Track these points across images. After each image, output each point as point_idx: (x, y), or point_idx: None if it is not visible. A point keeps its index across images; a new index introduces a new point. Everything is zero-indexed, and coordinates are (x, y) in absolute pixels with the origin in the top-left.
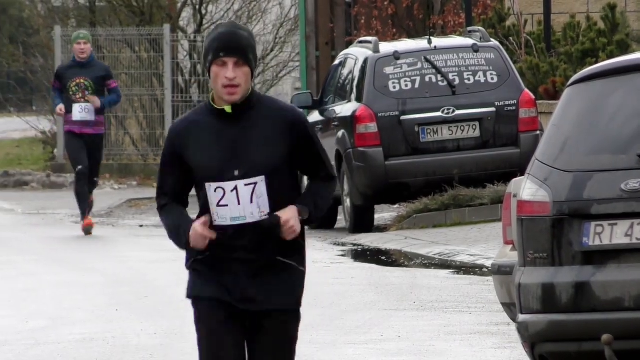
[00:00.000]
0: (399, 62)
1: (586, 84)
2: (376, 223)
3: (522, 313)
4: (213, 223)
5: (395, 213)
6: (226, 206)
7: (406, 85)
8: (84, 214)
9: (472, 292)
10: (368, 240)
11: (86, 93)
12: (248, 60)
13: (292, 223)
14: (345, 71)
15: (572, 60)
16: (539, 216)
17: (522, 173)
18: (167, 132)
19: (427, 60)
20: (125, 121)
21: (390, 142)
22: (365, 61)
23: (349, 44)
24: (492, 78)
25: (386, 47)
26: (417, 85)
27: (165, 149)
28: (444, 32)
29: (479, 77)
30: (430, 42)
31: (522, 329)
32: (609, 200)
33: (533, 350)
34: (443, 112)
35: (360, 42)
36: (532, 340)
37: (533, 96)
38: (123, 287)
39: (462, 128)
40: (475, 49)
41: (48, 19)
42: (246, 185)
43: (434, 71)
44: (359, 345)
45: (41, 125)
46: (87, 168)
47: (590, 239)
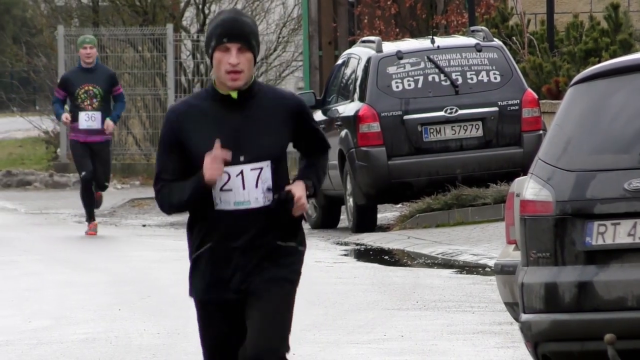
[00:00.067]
0: (402, 62)
1: (589, 84)
2: (379, 222)
3: (525, 312)
4: (215, 208)
5: (398, 212)
6: (230, 191)
7: (409, 84)
8: (91, 218)
9: (475, 292)
10: (371, 239)
11: (94, 101)
12: (251, 46)
13: (304, 200)
14: (348, 71)
15: (575, 59)
16: (542, 216)
17: (525, 173)
18: (166, 116)
19: (430, 59)
20: (128, 121)
21: (393, 142)
22: (368, 61)
23: (352, 44)
24: (495, 78)
25: (389, 47)
26: (420, 84)
27: (164, 132)
28: (447, 32)
29: (482, 77)
30: (433, 42)
31: (525, 329)
32: (612, 199)
33: (536, 349)
34: (446, 112)
35: (363, 42)
36: (535, 339)
37: (536, 96)
38: (126, 287)
39: (465, 128)
40: (478, 49)
41: (51, 19)
42: (252, 170)
43: (437, 71)
44: (362, 344)
45: (44, 125)
46: (92, 173)
47: (593, 239)
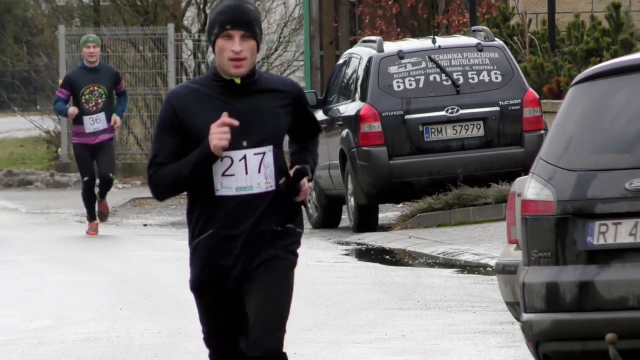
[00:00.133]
0: (403, 62)
1: (590, 84)
2: (380, 222)
3: (526, 312)
4: (216, 193)
5: (399, 212)
6: (232, 176)
7: (410, 84)
8: (92, 218)
9: (476, 291)
10: (372, 239)
11: (99, 101)
12: (254, 33)
13: (307, 184)
14: (349, 70)
15: (576, 59)
16: (543, 215)
17: (526, 172)
18: (167, 97)
19: (431, 59)
20: (129, 120)
21: (394, 142)
22: (369, 60)
23: (353, 44)
24: (496, 77)
25: (390, 47)
26: (421, 84)
27: (164, 114)
28: (448, 32)
29: (483, 77)
30: (434, 42)
31: (526, 328)
32: (613, 199)
33: (537, 349)
34: (447, 112)
35: (364, 42)
36: (536, 339)
37: (537, 95)
38: (127, 286)
39: (466, 127)
40: (479, 49)
41: (52, 19)
42: (255, 154)
43: (438, 70)
44: (363, 344)
45: (45, 124)
46: (94, 178)
47: (594, 238)
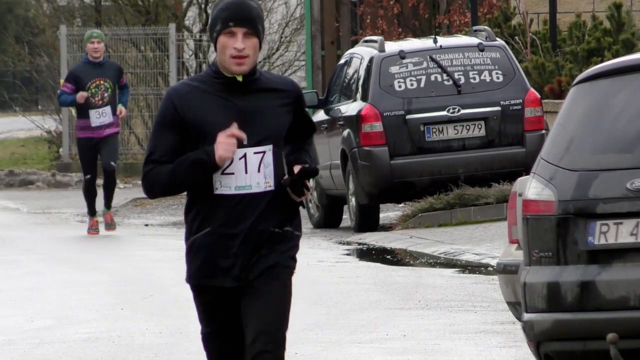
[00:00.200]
0: (405, 62)
1: (591, 83)
2: (381, 222)
3: (528, 312)
4: (214, 192)
5: (400, 212)
6: (232, 174)
7: (411, 84)
8: (92, 213)
9: (478, 291)
10: (373, 239)
11: (105, 95)
12: (257, 31)
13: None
14: (350, 70)
15: (578, 59)
16: (545, 215)
17: (528, 172)
18: (167, 94)
19: (433, 59)
20: (130, 120)
21: (395, 141)
22: (370, 60)
23: (355, 43)
24: (498, 77)
25: (392, 47)
26: (423, 84)
27: (163, 110)
28: (450, 32)
29: (485, 77)
30: (435, 42)
31: (528, 328)
32: (615, 199)
33: (538, 349)
34: (448, 112)
35: (365, 42)
36: (538, 339)
37: (538, 95)
38: (128, 286)
39: (468, 127)
40: (480, 48)
41: (53, 19)
42: (255, 153)
43: (440, 70)
44: (364, 344)
45: (46, 124)
46: (96, 176)
47: (595, 238)
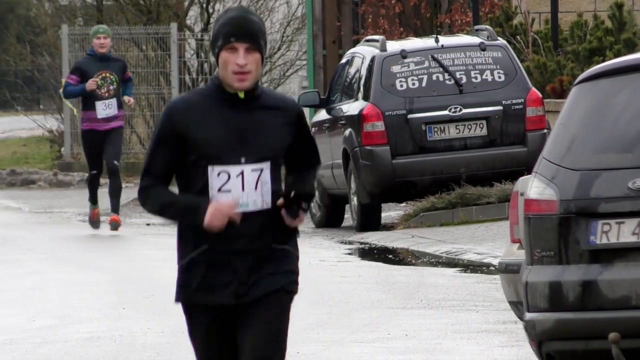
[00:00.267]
0: (406, 61)
1: (593, 83)
2: (383, 221)
3: (529, 311)
4: None
5: (402, 211)
6: (229, 192)
7: (413, 83)
8: (94, 202)
9: (479, 291)
10: (375, 238)
11: (111, 88)
12: (259, 46)
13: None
14: (352, 70)
15: (579, 58)
16: (546, 214)
17: (529, 171)
18: (166, 109)
19: (434, 58)
20: (132, 120)
21: (397, 141)
22: (372, 60)
23: (356, 43)
24: (499, 77)
25: (393, 46)
26: (424, 83)
27: (162, 127)
28: (451, 31)
29: (486, 76)
30: (437, 41)
31: (529, 327)
32: (616, 198)
33: (540, 348)
34: (450, 111)
35: (367, 41)
36: (539, 338)
37: (540, 95)
38: (130, 286)
39: (469, 126)
40: (482, 48)
41: (55, 18)
42: (253, 170)
43: (441, 70)
44: (366, 343)
45: (48, 123)
46: (101, 172)
47: (597, 238)
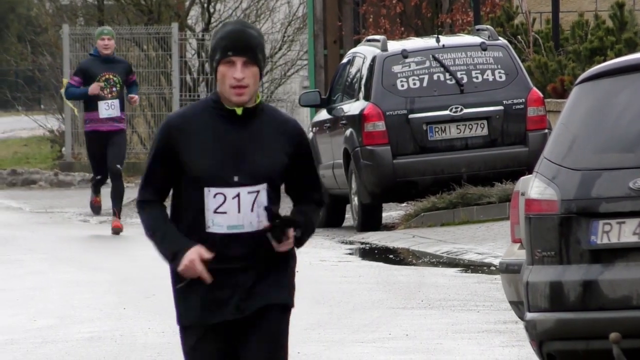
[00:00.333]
0: (407, 61)
1: (594, 83)
2: (384, 221)
3: (530, 311)
4: (206, 230)
5: (403, 211)
6: (224, 213)
7: (414, 83)
8: (97, 192)
9: (480, 291)
10: (376, 238)
11: (114, 89)
12: (257, 60)
13: (291, 237)
14: (353, 70)
15: (580, 58)
16: (547, 214)
17: (530, 171)
18: (162, 126)
19: (435, 58)
20: (133, 120)
21: (398, 141)
22: (373, 59)
23: (357, 43)
24: (500, 76)
25: (394, 46)
26: (425, 83)
27: (158, 143)
28: (452, 31)
29: (487, 76)
30: (438, 41)
31: (530, 327)
32: (617, 198)
33: (541, 348)
34: (451, 111)
35: (368, 41)
36: (540, 338)
37: (541, 94)
38: (131, 286)
39: (470, 126)
40: (483, 48)
41: (56, 18)
42: (249, 193)
43: (442, 70)
44: (367, 343)
45: (49, 123)
46: (106, 178)
47: (598, 237)
